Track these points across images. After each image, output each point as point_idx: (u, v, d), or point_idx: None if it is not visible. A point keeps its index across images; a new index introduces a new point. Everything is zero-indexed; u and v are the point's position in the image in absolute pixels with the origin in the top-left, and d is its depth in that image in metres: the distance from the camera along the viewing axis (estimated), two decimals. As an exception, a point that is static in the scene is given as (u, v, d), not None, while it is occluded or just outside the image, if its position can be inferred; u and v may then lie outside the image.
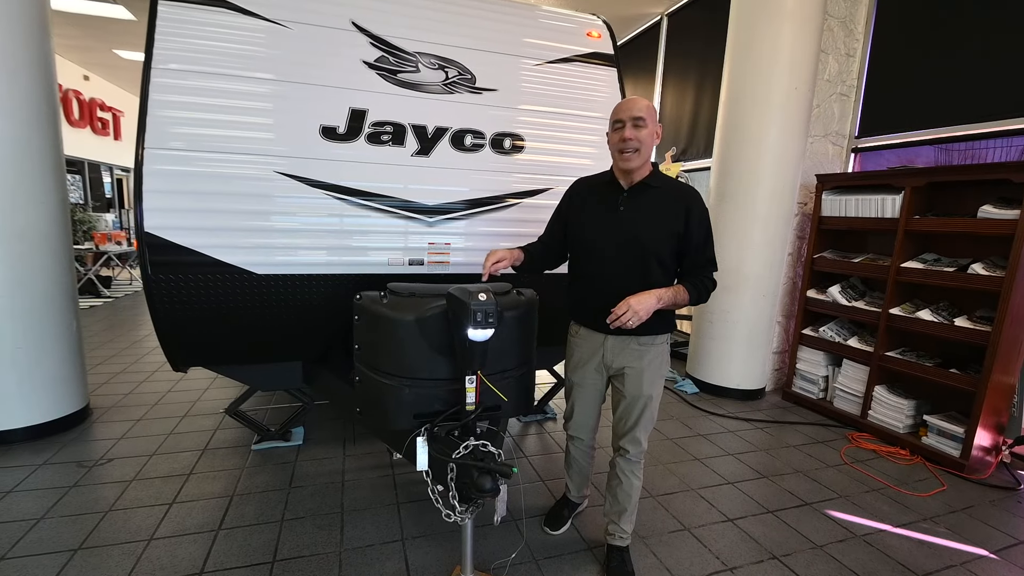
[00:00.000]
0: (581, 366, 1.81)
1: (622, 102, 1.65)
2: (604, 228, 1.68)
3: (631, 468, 1.79)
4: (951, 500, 2.48)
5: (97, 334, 4.80)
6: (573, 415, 1.91)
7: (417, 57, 2.26)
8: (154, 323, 2.00)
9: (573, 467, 2.04)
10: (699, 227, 1.63)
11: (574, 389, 1.87)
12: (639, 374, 1.70)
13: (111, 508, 2.09)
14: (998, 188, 2.79)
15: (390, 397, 1.58)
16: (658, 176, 1.69)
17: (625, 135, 1.59)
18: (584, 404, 1.87)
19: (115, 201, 9.92)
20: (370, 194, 2.14)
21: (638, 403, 1.72)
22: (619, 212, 1.66)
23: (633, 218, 1.64)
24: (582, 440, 1.96)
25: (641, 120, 1.59)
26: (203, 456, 2.55)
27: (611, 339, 1.72)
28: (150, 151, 1.87)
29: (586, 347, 1.79)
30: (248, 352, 2.28)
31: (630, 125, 1.59)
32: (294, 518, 2.07)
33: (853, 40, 3.85)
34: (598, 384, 1.83)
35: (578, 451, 2.00)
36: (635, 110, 1.59)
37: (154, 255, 1.91)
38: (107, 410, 3.07)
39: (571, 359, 1.86)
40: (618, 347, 1.71)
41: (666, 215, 1.63)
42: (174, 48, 1.91)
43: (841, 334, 3.54)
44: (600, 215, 1.71)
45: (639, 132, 1.59)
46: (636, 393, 1.71)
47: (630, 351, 1.70)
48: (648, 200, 1.65)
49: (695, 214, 1.62)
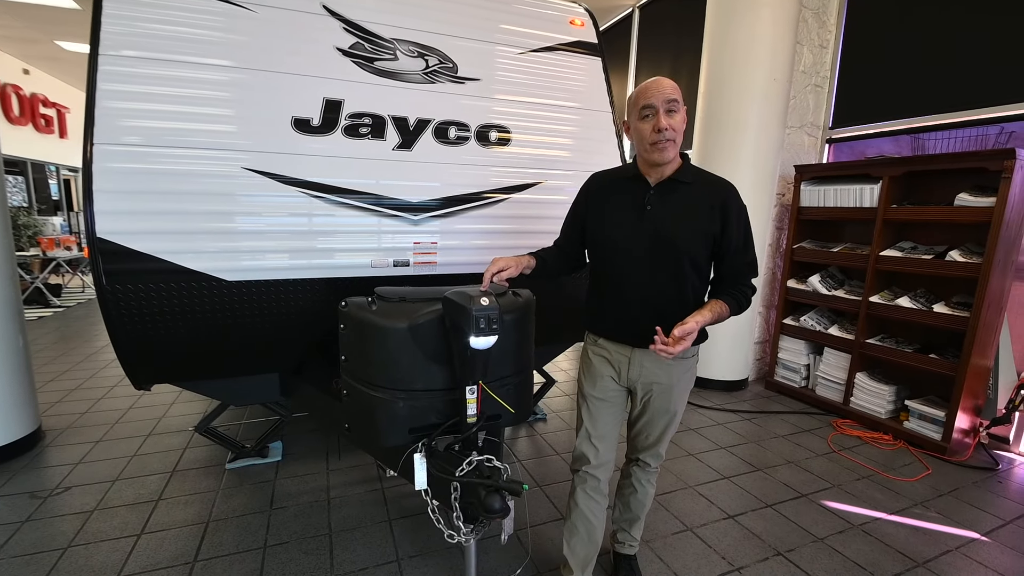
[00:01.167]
0: (601, 379, 1.57)
1: (648, 84, 1.38)
2: (630, 230, 1.45)
3: (648, 478, 1.68)
4: (937, 483, 2.53)
5: (47, 348, 4.45)
6: (587, 446, 1.57)
7: (395, 44, 2.12)
8: (112, 340, 1.81)
9: (578, 531, 1.59)
10: (738, 226, 1.42)
11: (592, 405, 1.58)
12: (668, 391, 1.52)
13: (71, 544, 1.90)
14: (972, 177, 2.85)
15: (382, 412, 1.46)
16: (689, 169, 1.46)
17: (660, 124, 1.33)
18: (604, 426, 1.57)
19: (63, 203, 9.30)
20: (349, 191, 1.99)
21: (663, 419, 1.56)
22: (647, 212, 1.43)
23: (663, 218, 1.42)
24: (598, 480, 1.57)
25: (675, 103, 1.35)
26: (172, 479, 2.36)
27: (638, 353, 1.50)
28: (100, 147, 1.68)
29: (608, 360, 1.55)
30: (220, 366, 2.10)
31: (663, 111, 1.33)
32: (278, 543, 1.92)
33: (826, 31, 3.89)
34: (620, 401, 1.59)
35: (590, 500, 1.58)
36: (667, 92, 1.34)
37: (108, 263, 1.72)
38: (61, 432, 2.82)
39: (589, 372, 1.60)
40: (647, 361, 1.50)
41: (700, 214, 1.41)
42: (125, 32, 1.72)
43: (822, 323, 3.59)
44: (625, 215, 1.48)
45: (673, 119, 1.35)
46: (664, 409, 1.54)
47: (660, 366, 1.50)
48: (679, 198, 1.43)
49: (733, 212, 1.41)
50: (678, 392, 1.54)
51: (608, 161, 2.49)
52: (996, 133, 2.98)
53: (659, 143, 1.35)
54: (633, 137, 1.45)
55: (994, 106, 2.94)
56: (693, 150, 3.81)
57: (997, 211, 2.60)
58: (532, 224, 2.30)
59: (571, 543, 1.61)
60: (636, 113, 1.39)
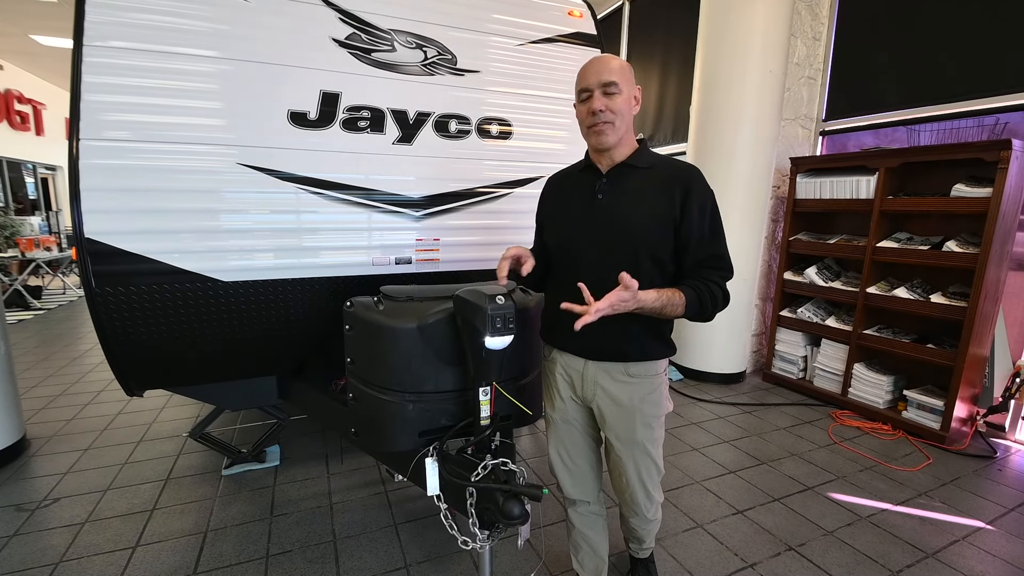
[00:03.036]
0: (559, 398, 1.44)
1: (587, 64, 1.29)
2: (580, 223, 1.34)
3: (646, 527, 1.56)
4: (939, 473, 2.55)
5: (29, 352, 4.30)
6: (559, 470, 1.48)
7: (392, 35, 2.05)
8: (102, 345, 1.73)
9: (582, 548, 1.56)
10: (700, 213, 1.26)
11: (556, 428, 1.47)
12: (628, 416, 1.33)
13: (62, 559, 1.81)
14: (967, 167, 2.86)
15: (392, 415, 1.41)
16: (646, 154, 1.33)
17: (594, 106, 1.25)
18: (573, 448, 1.46)
19: (40, 203, 9.02)
20: (349, 187, 1.92)
21: (630, 452, 1.37)
22: (597, 201, 1.31)
23: (615, 206, 1.29)
24: (586, 503, 1.50)
25: (613, 85, 1.24)
26: (166, 487, 2.28)
27: (591, 366, 1.34)
28: (87, 143, 1.59)
29: (563, 375, 1.42)
30: (215, 370, 2.03)
31: (599, 93, 1.25)
32: (280, 552, 1.86)
33: (819, 23, 3.89)
34: (585, 419, 1.45)
35: (585, 520, 1.53)
36: (604, 73, 1.25)
37: (98, 264, 1.64)
38: (47, 440, 2.71)
39: (548, 391, 1.49)
40: (601, 377, 1.34)
41: (657, 200, 1.27)
42: (110, 21, 1.63)
43: (818, 314, 3.60)
44: (575, 208, 1.36)
45: (612, 101, 1.25)
46: (628, 439, 1.36)
47: (614, 384, 1.33)
48: (633, 183, 1.30)
49: (694, 197, 1.26)
50: (642, 420, 1.34)
51: (610, 154, 2.45)
52: (992, 124, 3.00)
53: (595, 126, 1.28)
54: (578, 120, 1.36)
55: (987, 97, 2.96)
56: (689, 143, 3.78)
57: (993, 201, 2.62)
58: (533, 220, 2.26)
59: (578, 558, 1.59)
60: (576, 95, 1.32)
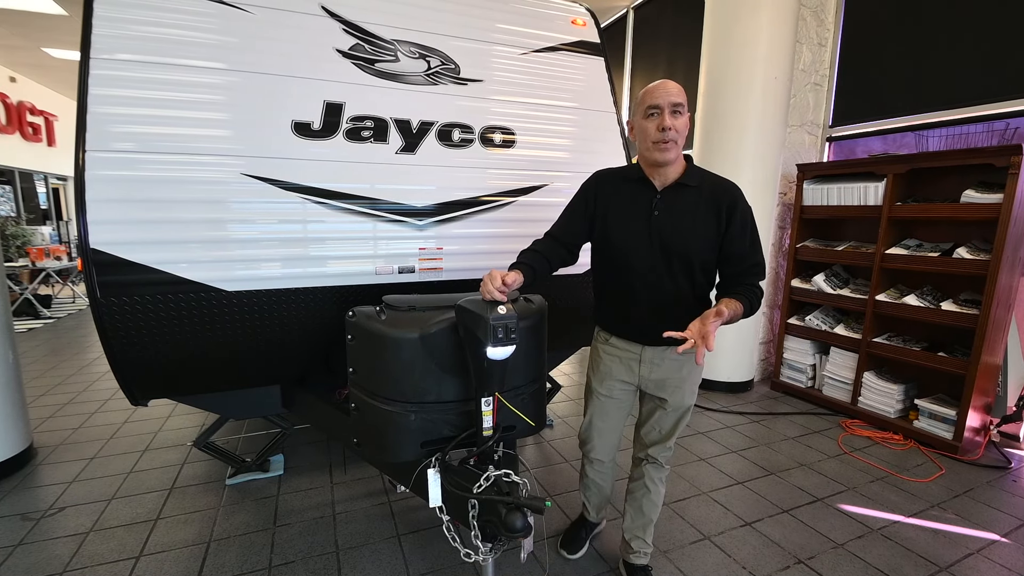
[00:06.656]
0: (610, 378, 1.64)
1: (655, 85, 1.41)
2: (638, 236, 1.48)
3: (660, 475, 1.69)
4: (951, 484, 2.49)
5: (38, 360, 4.34)
6: (593, 434, 1.71)
7: (395, 45, 2.07)
8: (107, 355, 1.74)
9: (591, 489, 1.85)
10: (742, 229, 1.45)
11: (599, 401, 1.68)
12: (680, 384, 1.57)
13: (66, 568, 1.81)
14: (976, 173, 2.83)
15: (394, 425, 1.40)
16: (694, 172, 1.48)
17: (664, 123, 1.36)
18: (610, 420, 1.69)
19: (51, 213, 9.15)
20: (352, 196, 1.93)
21: (677, 414, 1.61)
22: (654, 218, 1.46)
23: (671, 226, 1.45)
24: (603, 463, 1.77)
25: (680, 106, 1.38)
26: (171, 497, 2.28)
27: (649, 350, 1.56)
28: (93, 155, 1.61)
29: (619, 358, 1.61)
30: (219, 379, 2.03)
31: (668, 112, 1.37)
32: (283, 563, 1.85)
33: (824, 29, 3.88)
34: (628, 398, 1.67)
35: (598, 474, 1.80)
36: (673, 95, 1.38)
37: (103, 275, 1.65)
38: (54, 449, 2.73)
39: (598, 369, 1.68)
40: (657, 359, 1.56)
41: (708, 219, 1.45)
42: (117, 34, 1.65)
43: (827, 322, 3.56)
44: (632, 220, 1.50)
45: (677, 120, 1.38)
46: (678, 404, 1.59)
47: (670, 362, 1.55)
48: (686, 204, 1.46)
49: (737, 216, 1.44)
50: (690, 386, 1.59)
51: (613, 162, 2.44)
52: (1002, 128, 2.97)
53: (661, 143, 1.39)
54: (637, 136, 1.48)
55: (997, 101, 2.93)
56: (694, 150, 3.77)
57: (1004, 207, 2.58)
58: (538, 228, 2.23)
59: (587, 495, 1.87)
60: (641, 112, 1.43)
